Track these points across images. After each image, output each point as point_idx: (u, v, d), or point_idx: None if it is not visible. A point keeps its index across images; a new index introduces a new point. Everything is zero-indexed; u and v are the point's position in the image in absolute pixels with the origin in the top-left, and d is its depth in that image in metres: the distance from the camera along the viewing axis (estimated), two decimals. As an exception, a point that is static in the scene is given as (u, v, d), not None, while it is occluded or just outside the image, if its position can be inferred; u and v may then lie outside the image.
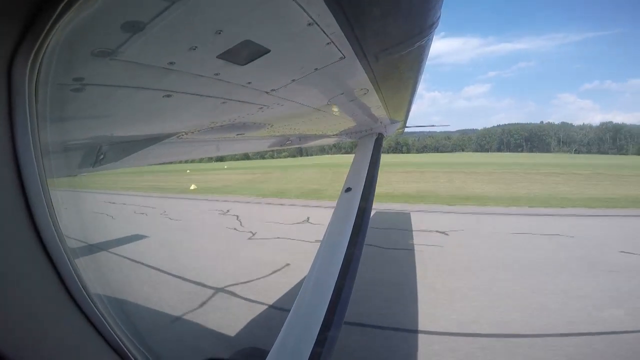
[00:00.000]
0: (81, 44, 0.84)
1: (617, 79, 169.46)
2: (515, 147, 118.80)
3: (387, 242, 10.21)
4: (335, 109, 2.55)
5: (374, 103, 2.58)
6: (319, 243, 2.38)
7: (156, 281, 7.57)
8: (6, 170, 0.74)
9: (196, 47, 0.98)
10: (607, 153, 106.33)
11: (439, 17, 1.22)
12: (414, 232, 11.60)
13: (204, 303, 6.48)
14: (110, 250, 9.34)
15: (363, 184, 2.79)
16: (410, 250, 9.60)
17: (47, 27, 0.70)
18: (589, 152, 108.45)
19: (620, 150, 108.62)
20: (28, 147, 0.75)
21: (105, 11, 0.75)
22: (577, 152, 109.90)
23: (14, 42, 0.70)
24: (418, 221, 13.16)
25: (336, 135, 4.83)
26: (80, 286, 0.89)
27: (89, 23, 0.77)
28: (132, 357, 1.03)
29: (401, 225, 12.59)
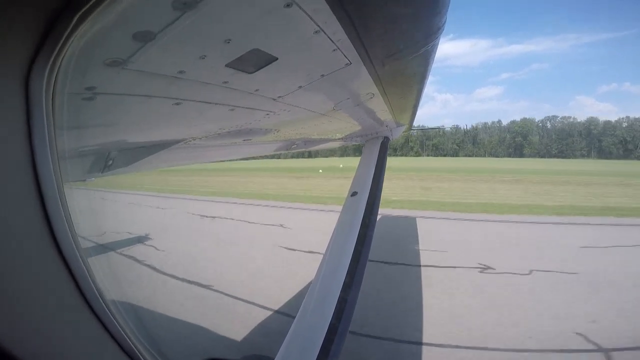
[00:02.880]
0: (95, 54, 0.87)
1: (636, 81, 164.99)
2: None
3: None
4: (341, 114, 2.56)
5: (380, 107, 2.58)
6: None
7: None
8: (25, 174, 0.76)
9: (205, 56, 1.00)
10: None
11: (445, 21, 1.22)
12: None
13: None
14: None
15: (369, 188, 2.78)
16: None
17: (63, 38, 0.72)
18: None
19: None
20: (45, 153, 0.77)
21: (118, 22, 0.77)
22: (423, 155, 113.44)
23: (31, 53, 0.72)
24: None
25: (342, 139, 4.83)
26: (94, 287, 0.91)
27: (103, 34, 0.79)
28: (142, 359, 1.04)
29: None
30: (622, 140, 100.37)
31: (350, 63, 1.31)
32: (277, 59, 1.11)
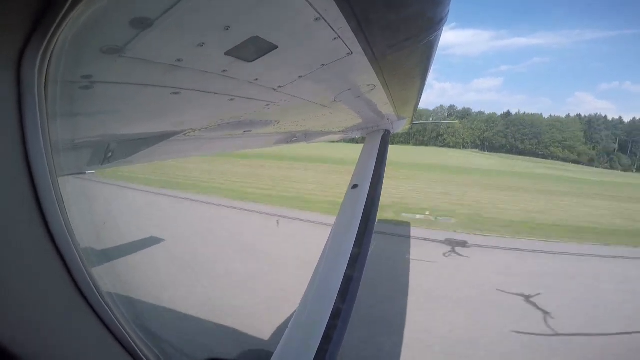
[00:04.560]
0: (89, 41, 0.84)
1: (637, 81, 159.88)
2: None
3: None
4: (341, 105, 2.53)
5: (381, 99, 2.55)
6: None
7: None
8: (17, 167, 0.74)
9: (204, 43, 0.97)
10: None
11: (448, 12, 1.20)
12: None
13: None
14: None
15: (370, 181, 2.77)
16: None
17: (56, 23, 0.70)
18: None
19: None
20: (38, 144, 0.75)
21: (113, 8, 0.75)
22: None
23: (23, 39, 0.70)
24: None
25: (342, 131, 4.80)
26: (91, 283, 0.89)
27: (97, 20, 0.77)
28: (143, 357, 1.03)
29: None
30: (436, 131, 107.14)
31: (352, 53, 1.29)
32: (277, 47, 1.09)
